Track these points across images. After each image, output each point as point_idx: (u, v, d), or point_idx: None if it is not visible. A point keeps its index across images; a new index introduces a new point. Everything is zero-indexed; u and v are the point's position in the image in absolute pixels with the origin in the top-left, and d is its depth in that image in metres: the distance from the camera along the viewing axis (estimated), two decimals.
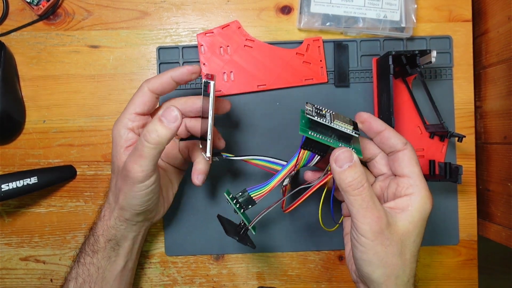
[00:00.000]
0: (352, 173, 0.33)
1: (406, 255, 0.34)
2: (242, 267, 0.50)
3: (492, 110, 0.49)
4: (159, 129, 0.33)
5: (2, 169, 0.49)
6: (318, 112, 0.35)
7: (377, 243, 0.33)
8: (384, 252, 0.33)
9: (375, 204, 0.33)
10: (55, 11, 0.48)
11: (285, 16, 0.49)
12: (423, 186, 0.35)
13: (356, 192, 0.33)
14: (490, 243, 0.50)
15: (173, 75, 0.38)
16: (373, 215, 0.33)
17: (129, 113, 0.38)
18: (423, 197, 0.35)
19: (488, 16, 0.49)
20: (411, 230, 0.34)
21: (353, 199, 0.33)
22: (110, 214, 0.39)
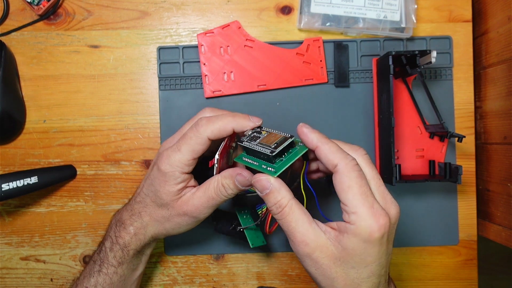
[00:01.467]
0: (270, 199, 0.33)
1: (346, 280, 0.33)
2: (242, 267, 0.50)
3: (492, 110, 0.49)
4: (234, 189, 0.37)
5: (3, 169, 0.49)
6: (255, 134, 0.36)
7: (306, 264, 0.33)
8: (315, 273, 0.33)
9: (297, 227, 0.32)
10: (55, 11, 0.48)
11: (285, 16, 0.49)
12: (361, 215, 0.31)
13: (278, 216, 0.33)
14: (490, 243, 0.50)
15: (235, 128, 0.36)
16: (295, 239, 0.33)
17: (186, 159, 0.37)
18: (360, 228, 0.31)
19: (488, 17, 0.49)
20: (345, 256, 0.32)
21: (279, 223, 0.34)
22: (144, 235, 0.40)
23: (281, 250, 0.50)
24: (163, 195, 0.38)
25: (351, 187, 0.31)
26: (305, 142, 0.34)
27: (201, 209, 0.38)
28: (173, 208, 0.39)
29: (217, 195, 0.38)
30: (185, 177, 0.38)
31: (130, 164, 0.49)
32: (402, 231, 0.49)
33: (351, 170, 0.32)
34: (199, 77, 0.48)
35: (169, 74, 0.48)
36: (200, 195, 0.38)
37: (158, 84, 0.49)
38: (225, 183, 0.37)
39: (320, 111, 0.49)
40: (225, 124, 0.36)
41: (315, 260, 0.33)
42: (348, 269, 0.32)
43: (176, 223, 0.39)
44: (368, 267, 0.32)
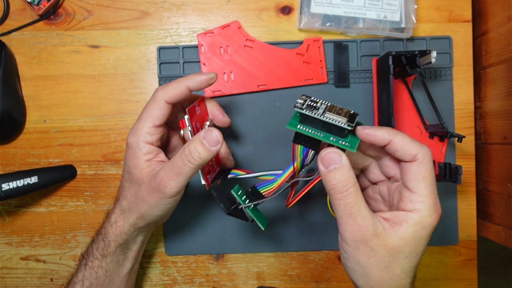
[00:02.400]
0: (337, 176, 0.31)
1: (395, 270, 0.33)
2: (242, 267, 0.50)
3: (492, 110, 0.49)
4: (201, 151, 0.34)
5: (3, 169, 0.49)
6: (311, 104, 0.33)
7: (358, 252, 0.32)
8: (366, 262, 0.32)
9: (360, 212, 0.31)
10: (55, 11, 0.48)
11: (285, 16, 0.49)
12: (426, 204, 0.32)
13: (340, 196, 0.31)
14: (490, 243, 0.50)
15: (190, 85, 0.37)
16: (355, 223, 0.31)
17: (147, 126, 0.37)
18: (423, 216, 0.32)
19: (488, 17, 0.49)
20: (402, 246, 0.32)
21: (337, 204, 0.32)
22: (123, 221, 0.39)
23: (281, 250, 0.50)
24: (133, 169, 0.37)
25: (426, 177, 0.32)
26: (374, 141, 0.33)
27: (167, 180, 0.35)
28: (144, 183, 0.37)
29: (182, 162, 0.34)
30: (150, 148, 0.37)
31: None
32: None
33: (429, 160, 0.32)
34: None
35: (169, 74, 0.48)
36: (167, 166, 0.35)
37: (158, 84, 0.49)
38: (191, 146, 0.34)
39: None
40: (178, 84, 0.36)
41: (371, 247, 0.32)
42: (401, 259, 0.32)
43: (148, 203, 0.37)
44: (417, 256, 0.33)
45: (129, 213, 0.39)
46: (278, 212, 0.49)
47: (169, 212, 0.39)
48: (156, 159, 0.38)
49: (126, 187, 0.39)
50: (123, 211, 0.39)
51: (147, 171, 0.37)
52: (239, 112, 0.48)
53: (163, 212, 0.38)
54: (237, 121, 0.48)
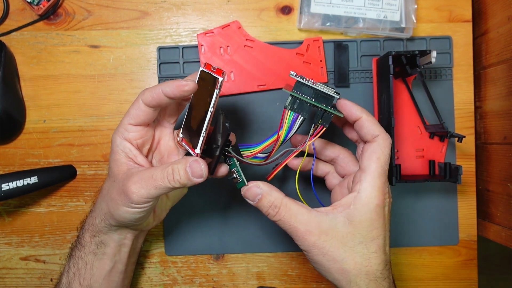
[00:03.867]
0: (264, 203, 0.35)
1: (355, 259, 0.33)
2: (242, 267, 0.50)
3: (492, 110, 0.49)
4: (182, 177, 0.34)
5: (2, 169, 0.49)
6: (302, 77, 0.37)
7: (313, 254, 0.34)
8: (323, 260, 0.34)
9: (298, 220, 0.34)
10: (55, 11, 0.48)
11: (285, 16, 0.49)
12: (373, 184, 0.33)
13: (276, 216, 0.34)
14: (490, 243, 0.50)
15: (164, 90, 0.35)
16: (298, 232, 0.34)
17: (124, 123, 0.38)
18: (369, 197, 0.33)
19: (488, 17, 0.49)
20: (352, 232, 0.33)
21: (279, 224, 0.35)
22: (95, 213, 0.39)
23: (281, 250, 0.50)
24: (111, 163, 0.38)
25: (379, 158, 0.34)
26: (347, 113, 0.36)
27: (139, 187, 0.34)
28: (117, 181, 0.36)
29: (162, 178, 0.34)
30: (127, 145, 0.37)
31: None
32: (402, 231, 0.49)
33: (388, 145, 0.35)
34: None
35: (169, 74, 0.48)
36: (144, 174, 0.35)
37: None
38: (175, 167, 0.34)
39: None
40: (154, 87, 0.36)
41: (321, 246, 0.34)
42: (356, 246, 0.33)
43: (116, 203, 0.36)
44: (374, 240, 0.34)
45: (99, 207, 0.39)
46: None
47: (136, 219, 0.37)
48: (133, 160, 0.37)
49: (106, 181, 0.40)
50: (97, 203, 0.40)
51: (123, 170, 0.37)
52: (239, 112, 0.48)
53: (129, 216, 0.36)
54: (237, 121, 0.48)
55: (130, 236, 0.41)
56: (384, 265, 0.34)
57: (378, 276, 0.34)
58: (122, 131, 0.38)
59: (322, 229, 0.34)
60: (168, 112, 0.40)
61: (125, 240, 0.41)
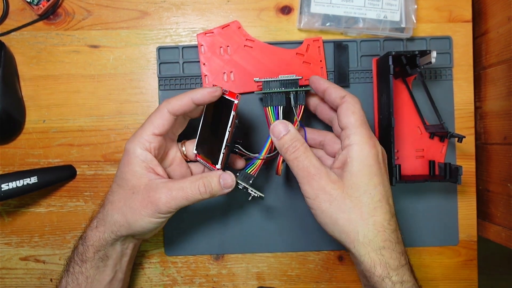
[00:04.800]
0: (286, 139, 0.37)
1: (361, 209, 0.34)
2: (242, 267, 0.50)
3: (492, 110, 0.49)
4: (215, 188, 0.37)
5: (2, 169, 0.49)
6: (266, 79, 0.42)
7: (319, 200, 0.35)
8: (329, 209, 0.35)
9: (312, 163, 0.36)
10: (55, 11, 0.48)
11: (285, 16, 0.49)
12: (359, 133, 0.35)
13: (292, 155, 0.36)
14: (490, 243, 0.50)
15: (193, 98, 0.38)
16: (309, 174, 0.35)
17: (147, 133, 0.37)
18: (360, 144, 0.35)
19: (488, 17, 0.49)
20: (356, 181, 0.35)
21: (291, 163, 0.37)
22: (104, 227, 0.38)
23: (281, 250, 0.50)
24: (128, 175, 0.37)
25: (355, 112, 0.36)
26: (316, 87, 0.40)
27: (169, 200, 0.36)
28: (139, 192, 0.37)
29: (193, 190, 0.36)
30: (148, 156, 0.37)
31: None
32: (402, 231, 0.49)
33: (357, 102, 0.37)
34: (199, 77, 0.48)
35: (169, 74, 0.48)
36: (173, 186, 0.36)
37: (158, 84, 0.49)
38: (207, 180, 0.37)
39: None
40: (182, 96, 0.38)
41: (329, 192, 0.35)
42: (361, 195, 0.34)
43: (139, 213, 0.36)
44: (377, 188, 0.35)
45: (112, 219, 0.38)
46: (279, 213, 0.49)
47: (156, 228, 0.39)
48: (154, 171, 0.38)
49: (115, 192, 0.38)
50: (105, 217, 0.38)
51: (145, 181, 0.37)
52: (238, 112, 0.48)
53: (150, 226, 0.38)
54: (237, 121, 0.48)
55: (132, 245, 0.42)
56: (391, 216, 0.35)
57: (386, 227, 0.35)
58: (144, 141, 0.37)
59: (330, 178, 0.35)
60: (176, 125, 0.42)
61: (127, 250, 0.42)
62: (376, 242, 0.34)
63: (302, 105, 0.41)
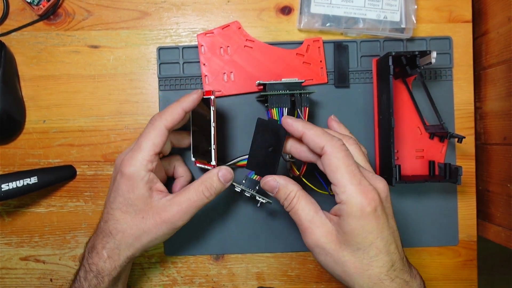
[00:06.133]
0: (281, 194, 0.36)
1: (355, 263, 0.33)
2: (241, 267, 0.50)
3: (492, 111, 0.49)
4: (218, 186, 0.38)
5: (2, 169, 0.49)
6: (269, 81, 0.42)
7: (315, 253, 0.35)
8: (326, 261, 0.34)
9: (305, 216, 0.35)
10: (55, 11, 0.48)
11: (285, 16, 0.49)
12: (350, 193, 0.32)
13: (289, 208, 0.36)
14: (490, 244, 0.50)
15: (184, 107, 0.38)
16: (303, 226, 0.35)
17: (149, 154, 0.37)
18: (350, 206, 0.32)
19: (488, 17, 0.49)
20: (348, 239, 0.33)
21: (291, 214, 0.36)
22: (119, 255, 0.38)
23: (281, 251, 0.50)
24: (135, 201, 0.37)
25: (339, 167, 0.33)
26: (291, 131, 0.37)
27: (182, 215, 0.37)
28: (149, 215, 0.37)
29: (199, 197, 0.38)
30: (151, 177, 0.37)
31: None
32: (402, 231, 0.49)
33: (338, 151, 0.33)
34: (199, 77, 0.48)
35: (169, 74, 0.48)
36: (179, 201, 0.37)
37: (158, 84, 0.49)
38: (208, 182, 0.38)
39: (320, 111, 0.49)
40: (174, 109, 0.38)
41: (322, 247, 0.34)
42: (354, 251, 0.33)
43: (154, 234, 0.37)
44: (372, 244, 0.33)
45: (126, 247, 0.38)
46: (278, 213, 0.49)
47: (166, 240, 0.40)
48: (157, 189, 0.38)
49: (122, 220, 0.37)
50: (118, 246, 0.38)
51: (152, 203, 0.37)
52: (238, 113, 0.48)
53: (165, 239, 0.39)
54: (237, 122, 0.48)
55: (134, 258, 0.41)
56: (390, 266, 0.33)
57: (382, 278, 0.33)
58: (146, 163, 0.37)
59: (324, 231, 0.34)
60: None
61: (129, 264, 0.42)
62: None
63: (307, 107, 0.42)
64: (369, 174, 0.35)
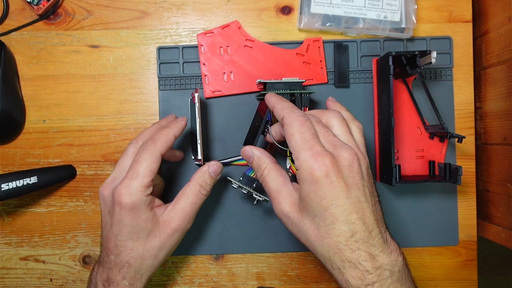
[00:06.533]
0: (254, 163, 0.38)
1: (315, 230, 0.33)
2: (241, 267, 0.50)
3: (492, 111, 0.49)
4: (209, 181, 0.41)
5: (2, 169, 0.49)
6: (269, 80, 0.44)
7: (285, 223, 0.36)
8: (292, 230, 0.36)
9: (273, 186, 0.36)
10: (55, 11, 0.48)
11: (285, 16, 0.49)
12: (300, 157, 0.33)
13: (260, 178, 0.38)
14: (490, 244, 0.50)
15: (176, 134, 0.40)
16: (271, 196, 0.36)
17: (147, 181, 0.37)
18: (302, 169, 0.33)
19: (488, 17, 0.49)
20: (306, 206, 0.33)
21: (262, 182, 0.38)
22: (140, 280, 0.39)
23: (280, 251, 0.50)
24: (143, 225, 0.37)
25: (293, 134, 0.34)
26: (268, 106, 0.39)
27: (189, 218, 0.40)
28: (160, 231, 0.39)
29: (197, 196, 0.40)
30: (150, 198, 0.38)
31: None
32: (402, 231, 0.49)
33: (294, 120, 0.35)
34: (199, 77, 0.48)
35: (169, 74, 0.48)
36: (182, 206, 0.39)
37: (158, 84, 0.49)
38: (201, 181, 0.40)
39: None
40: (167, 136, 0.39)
41: (287, 216, 0.35)
42: (312, 218, 0.33)
43: (169, 245, 0.39)
44: (327, 211, 0.32)
45: (147, 269, 0.39)
46: None
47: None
48: (156, 206, 0.39)
49: (135, 247, 0.38)
50: (138, 271, 0.38)
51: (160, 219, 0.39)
52: (238, 112, 0.48)
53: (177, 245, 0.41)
54: (237, 121, 0.48)
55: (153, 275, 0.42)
56: (349, 236, 0.32)
57: (342, 248, 0.32)
58: (145, 189, 0.37)
59: (289, 200, 0.35)
60: None
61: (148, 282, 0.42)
62: (335, 262, 0.33)
63: (307, 107, 0.42)
64: (335, 142, 0.34)
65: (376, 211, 0.34)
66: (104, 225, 0.39)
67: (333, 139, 0.35)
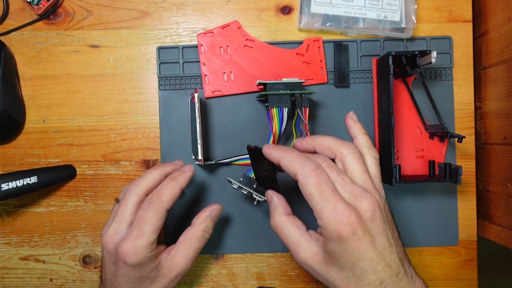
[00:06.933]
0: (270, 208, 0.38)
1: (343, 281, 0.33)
2: (241, 267, 0.50)
3: (492, 110, 0.49)
4: (211, 225, 0.41)
5: (2, 169, 0.49)
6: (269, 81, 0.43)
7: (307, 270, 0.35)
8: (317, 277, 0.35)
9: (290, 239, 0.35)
10: (55, 11, 0.48)
11: (285, 16, 0.49)
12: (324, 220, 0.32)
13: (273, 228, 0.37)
14: (490, 243, 0.50)
15: (183, 187, 0.39)
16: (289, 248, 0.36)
17: (152, 238, 0.37)
18: (327, 232, 0.32)
19: (489, 17, 0.49)
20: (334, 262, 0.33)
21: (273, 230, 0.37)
22: None
23: (281, 250, 0.50)
24: (147, 274, 0.38)
25: (311, 193, 0.33)
26: (272, 161, 0.36)
27: (191, 262, 0.40)
28: (164, 276, 0.39)
29: (200, 242, 0.40)
30: (156, 250, 0.38)
31: (130, 164, 0.49)
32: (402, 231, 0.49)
33: (309, 177, 0.33)
34: (199, 77, 0.48)
35: (169, 74, 0.48)
36: (185, 253, 0.39)
37: (158, 84, 0.49)
38: (203, 226, 0.40)
39: (320, 111, 0.49)
40: (173, 191, 0.38)
41: (311, 267, 0.35)
42: (340, 270, 0.33)
43: (175, 282, 0.40)
44: (356, 265, 0.32)
45: None
46: None
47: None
48: (159, 252, 0.39)
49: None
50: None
51: (164, 265, 0.39)
52: (238, 112, 0.48)
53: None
54: (237, 121, 0.48)
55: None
56: (378, 284, 0.33)
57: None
58: (150, 246, 0.37)
59: (309, 253, 0.34)
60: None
61: None
62: None
63: (307, 108, 0.42)
64: (355, 191, 0.33)
65: (399, 250, 0.34)
66: (107, 271, 0.39)
67: (351, 187, 0.34)
